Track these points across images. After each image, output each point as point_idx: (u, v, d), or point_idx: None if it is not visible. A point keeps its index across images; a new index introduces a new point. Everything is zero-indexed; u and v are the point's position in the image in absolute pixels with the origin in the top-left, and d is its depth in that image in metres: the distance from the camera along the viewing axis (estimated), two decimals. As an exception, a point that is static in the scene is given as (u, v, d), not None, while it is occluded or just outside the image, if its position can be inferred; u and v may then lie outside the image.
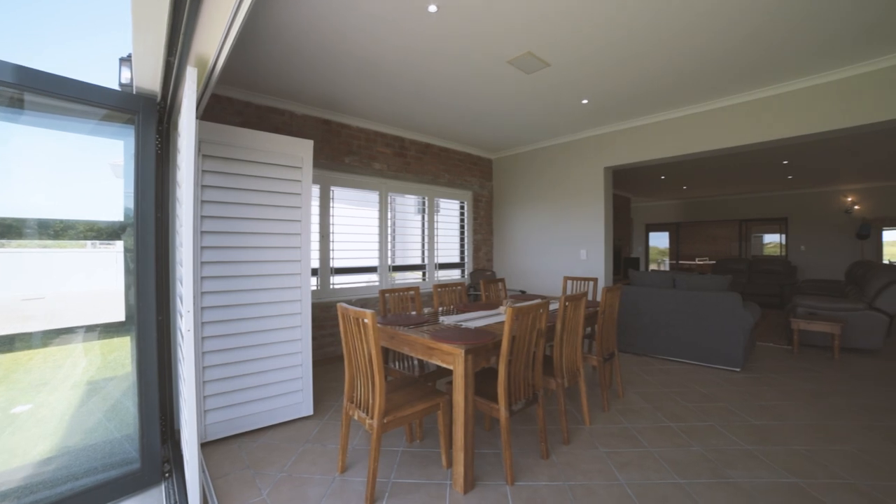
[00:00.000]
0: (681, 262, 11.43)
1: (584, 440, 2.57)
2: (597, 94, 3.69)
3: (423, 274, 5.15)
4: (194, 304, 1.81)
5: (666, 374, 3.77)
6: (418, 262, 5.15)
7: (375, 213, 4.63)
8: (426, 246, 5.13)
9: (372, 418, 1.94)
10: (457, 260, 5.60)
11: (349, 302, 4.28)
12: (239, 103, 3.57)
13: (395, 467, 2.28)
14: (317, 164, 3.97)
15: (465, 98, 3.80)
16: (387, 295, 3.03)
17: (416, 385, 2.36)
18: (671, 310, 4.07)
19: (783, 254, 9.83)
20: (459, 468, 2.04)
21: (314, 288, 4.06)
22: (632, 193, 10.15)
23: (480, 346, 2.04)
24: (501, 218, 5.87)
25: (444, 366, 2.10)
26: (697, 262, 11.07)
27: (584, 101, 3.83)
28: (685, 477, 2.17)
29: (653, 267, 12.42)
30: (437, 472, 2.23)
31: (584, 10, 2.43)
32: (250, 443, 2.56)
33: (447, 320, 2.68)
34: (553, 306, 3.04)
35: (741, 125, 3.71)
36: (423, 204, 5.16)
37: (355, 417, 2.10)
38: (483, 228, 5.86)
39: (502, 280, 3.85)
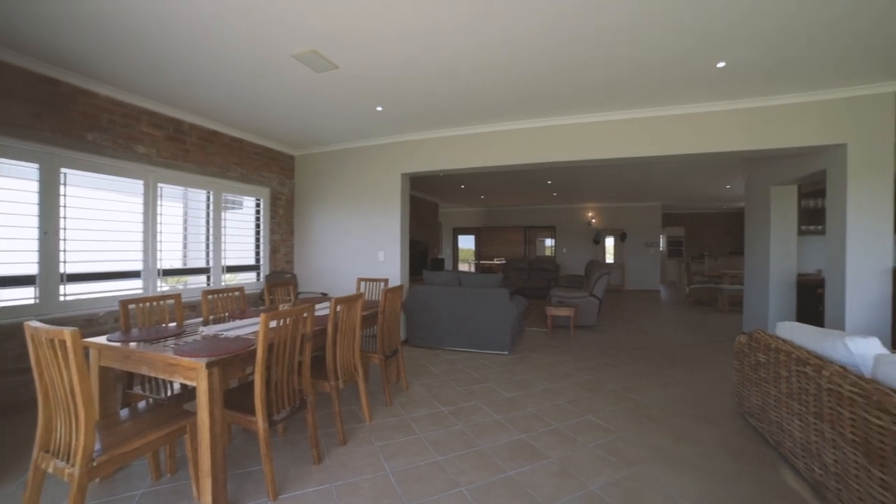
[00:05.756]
0: (482, 261, 13.21)
1: (363, 437, 2.65)
2: (390, 104, 3.88)
3: (208, 278, 4.48)
4: None
5: (449, 364, 4.24)
6: (202, 264, 4.46)
7: (139, 207, 3.78)
8: (211, 246, 4.48)
9: (73, 465, 1.53)
10: (252, 262, 5.09)
11: (94, 318, 3.37)
12: None
13: (124, 516, 1.88)
14: (34, 135, 3.00)
15: (252, 87, 3.47)
16: (131, 306, 2.49)
17: (159, 409, 1.99)
18: (456, 305, 4.62)
19: (553, 255, 12.42)
20: (207, 497, 1.80)
21: (31, 301, 3.05)
22: (439, 199, 11.19)
23: (229, 357, 1.86)
24: (303, 218, 5.61)
25: (188, 383, 1.83)
26: (496, 261, 12.98)
27: (379, 109, 3.98)
28: (443, 454, 2.45)
29: (464, 267, 13.99)
30: (184, 507, 1.94)
31: (372, 21, 2.49)
32: None
33: (209, 331, 2.36)
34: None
35: (515, 148, 4.43)
36: (209, 199, 4.50)
37: (50, 470, 1.63)
38: (282, 228, 5.48)
39: (291, 283, 3.66)
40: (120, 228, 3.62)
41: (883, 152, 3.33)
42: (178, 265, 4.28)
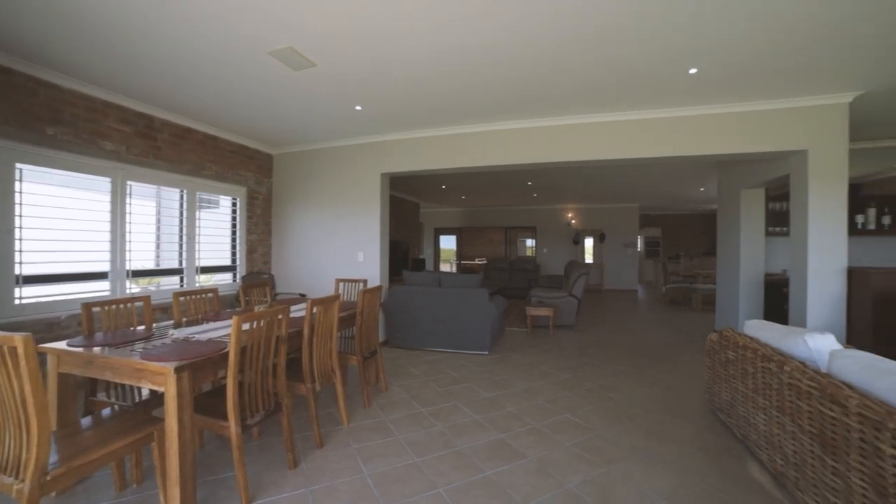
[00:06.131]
0: (464, 261, 13.25)
1: (340, 440, 2.61)
2: (369, 103, 3.84)
3: (182, 279, 4.34)
4: None
5: (429, 365, 4.23)
6: (175, 265, 4.32)
7: (106, 205, 3.63)
8: (185, 247, 4.35)
9: (22, 481, 1.44)
10: (228, 262, 4.96)
11: (56, 322, 3.22)
12: None
13: (84, 529, 1.80)
14: (-12, 129, 2.84)
15: (228, 84, 3.38)
16: (95, 309, 2.38)
17: (125, 416, 1.92)
18: (436, 306, 4.61)
19: (533, 255, 12.56)
20: (176, 506, 1.75)
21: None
22: (420, 199, 11.17)
23: (200, 360, 1.80)
24: (281, 218, 5.51)
25: (156, 388, 1.77)
26: (477, 261, 13.04)
27: (358, 108, 3.94)
28: (422, 455, 2.44)
29: (445, 267, 14.00)
30: (149, 518, 1.87)
31: (349, 20, 2.46)
32: None
33: (179, 333, 2.29)
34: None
35: (495, 149, 4.44)
36: (182, 198, 4.36)
37: (-4, 487, 1.53)
38: (260, 228, 5.37)
39: (268, 284, 3.58)
40: (85, 228, 3.47)
41: (838, 159, 3.50)
42: (150, 266, 4.14)
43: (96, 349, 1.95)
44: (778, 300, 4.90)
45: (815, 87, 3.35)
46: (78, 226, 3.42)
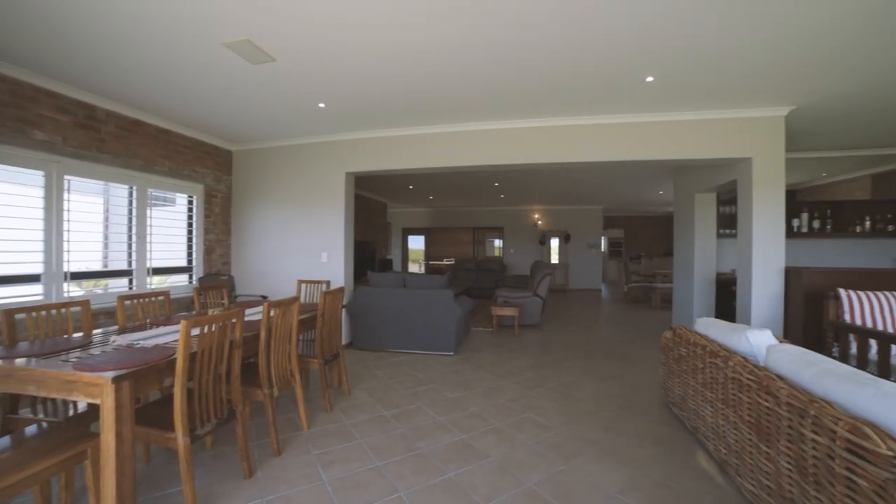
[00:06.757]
0: (432, 262, 13.23)
1: (299, 446, 2.54)
2: (333, 101, 3.76)
3: (130, 281, 4.09)
4: None
5: (395, 367, 4.19)
6: (124, 266, 4.06)
7: (39, 201, 3.35)
8: (134, 247, 4.09)
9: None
10: (184, 263, 4.72)
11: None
12: None
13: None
14: None
15: (180, 75, 3.21)
16: (20, 315, 2.19)
17: (53, 434, 1.77)
18: (401, 307, 4.58)
19: (501, 255, 12.72)
20: (111, 529, 1.63)
21: None
22: (388, 199, 11.07)
23: (144, 368, 1.69)
24: (242, 217, 5.30)
25: (91, 401, 1.64)
26: (445, 262, 13.05)
27: (322, 105, 3.85)
28: (383, 459, 2.40)
29: (414, 267, 13.92)
30: (83, 540, 1.74)
31: (310, 15, 2.38)
32: None
33: (123, 340, 2.15)
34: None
35: (460, 150, 4.46)
36: (131, 195, 4.10)
37: None
38: (218, 228, 5.14)
39: (226, 285, 3.44)
40: (12, 226, 3.18)
41: (778, 168, 3.79)
42: (97, 267, 3.86)
43: (19, 361, 1.79)
44: (727, 298, 5.20)
45: (756, 100, 3.59)
46: (3, 223, 3.12)
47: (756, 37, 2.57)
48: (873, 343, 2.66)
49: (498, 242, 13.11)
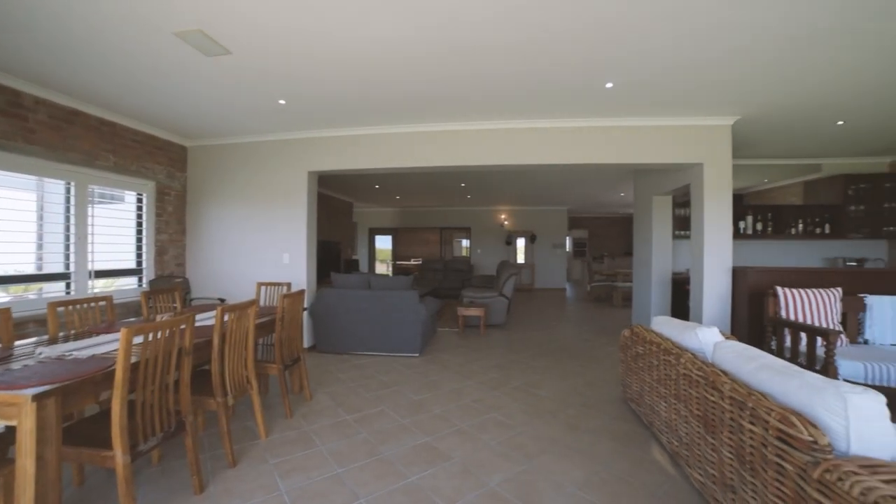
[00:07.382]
0: (399, 262, 13.13)
1: (256, 456, 2.43)
2: (294, 98, 3.64)
3: (68, 285, 3.79)
4: None
5: (359, 370, 4.12)
6: (61, 269, 3.75)
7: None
8: (72, 247, 3.80)
9: None
10: (133, 265, 4.43)
11: None
12: None
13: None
14: None
15: (124, 64, 2.99)
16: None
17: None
18: (366, 308, 4.50)
19: (468, 255, 12.79)
20: (34, 563, 1.48)
21: None
22: (354, 199, 10.89)
23: (75, 382, 1.56)
24: (197, 216, 5.04)
25: (7, 423, 1.49)
26: (413, 262, 12.98)
27: (282, 102, 3.72)
28: (344, 465, 2.34)
29: (381, 267, 13.77)
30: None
31: (268, 5, 2.29)
32: None
33: (52, 351, 1.98)
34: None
35: (425, 150, 4.45)
36: (69, 191, 3.80)
37: None
38: (172, 227, 4.87)
39: (178, 288, 3.25)
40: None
41: (726, 173, 4.04)
42: (29, 270, 3.54)
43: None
44: (682, 297, 5.46)
45: (706, 109, 3.81)
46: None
47: (706, 55, 2.76)
48: (804, 336, 2.88)
49: (465, 242, 13.19)
